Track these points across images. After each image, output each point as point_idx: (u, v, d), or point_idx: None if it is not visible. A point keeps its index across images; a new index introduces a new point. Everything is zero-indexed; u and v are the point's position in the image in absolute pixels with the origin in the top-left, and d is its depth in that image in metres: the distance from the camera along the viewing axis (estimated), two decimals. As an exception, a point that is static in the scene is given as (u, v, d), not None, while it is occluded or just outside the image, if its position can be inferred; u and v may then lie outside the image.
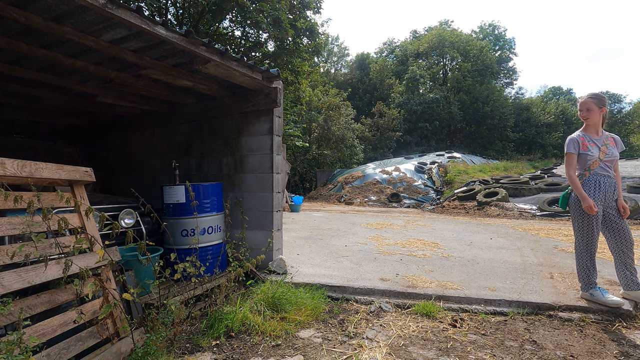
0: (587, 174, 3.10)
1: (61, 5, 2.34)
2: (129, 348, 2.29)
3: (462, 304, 3.27)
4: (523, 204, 10.55)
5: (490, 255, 4.99)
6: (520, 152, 34.36)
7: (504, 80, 42.36)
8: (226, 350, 2.54)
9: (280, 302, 3.13)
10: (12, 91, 4.12)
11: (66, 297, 2.21)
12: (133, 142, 5.67)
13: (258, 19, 10.66)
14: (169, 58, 3.34)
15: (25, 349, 1.70)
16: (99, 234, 2.54)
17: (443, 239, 6.43)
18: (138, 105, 4.89)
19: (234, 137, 4.48)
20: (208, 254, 3.66)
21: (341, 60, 41.86)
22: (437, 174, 16.19)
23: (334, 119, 23.13)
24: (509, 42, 42.01)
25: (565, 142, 3.20)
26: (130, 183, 3.81)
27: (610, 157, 3.09)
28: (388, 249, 5.44)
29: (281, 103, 4.20)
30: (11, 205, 1.97)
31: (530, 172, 16.88)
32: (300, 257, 4.90)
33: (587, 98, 3.13)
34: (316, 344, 2.62)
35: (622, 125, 42.21)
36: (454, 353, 2.46)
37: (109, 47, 2.93)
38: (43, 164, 2.28)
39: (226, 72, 3.49)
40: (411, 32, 44.19)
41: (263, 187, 4.25)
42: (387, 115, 30.84)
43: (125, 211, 3.60)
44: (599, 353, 2.44)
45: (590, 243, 3.08)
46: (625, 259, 3.06)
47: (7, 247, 2.03)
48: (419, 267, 4.36)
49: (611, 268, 3.34)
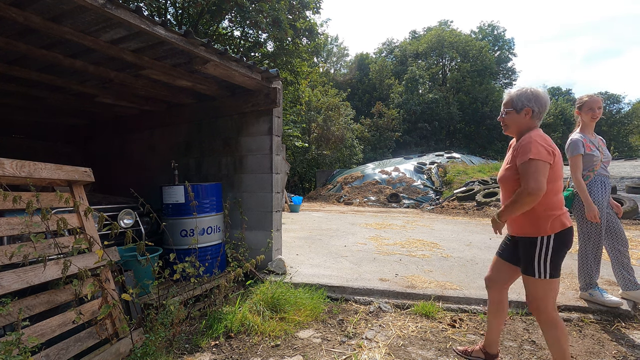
0: (591, 175, 3.05)
1: (60, 5, 2.34)
2: (128, 348, 2.29)
3: (461, 304, 3.27)
4: (522, 204, 10.56)
5: (490, 256, 4.99)
6: (519, 152, 34.37)
7: (503, 81, 42.43)
8: (225, 351, 2.54)
9: (279, 303, 3.12)
10: (11, 91, 4.12)
11: (65, 298, 2.21)
12: (132, 142, 5.66)
13: (257, 19, 10.66)
14: (169, 58, 3.34)
15: (24, 350, 1.70)
16: (98, 234, 2.54)
17: (442, 239, 6.43)
18: (137, 105, 4.88)
19: (234, 138, 4.48)
20: (207, 254, 3.66)
21: (340, 61, 41.90)
22: (436, 174, 16.19)
23: (334, 119, 23.14)
24: (508, 42, 42.12)
25: (568, 144, 3.09)
26: (129, 183, 3.80)
27: (607, 158, 3.10)
28: (387, 249, 5.44)
29: (280, 103, 4.20)
30: (10, 205, 1.96)
31: (529, 172, 16.86)
32: (300, 257, 4.90)
33: (597, 96, 3.06)
34: (315, 344, 2.62)
35: (620, 126, 42.33)
36: (453, 353, 2.46)
37: (109, 47, 2.93)
38: (42, 164, 2.27)
39: (225, 72, 3.49)
40: (410, 33, 44.31)
41: (262, 188, 4.25)
42: (387, 115, 30.87)
43: (125, 211, 3.60)
44: (598, 353, 2.44)
45: (599, 245, 3.05)
46: (622, 258, 3.06)
47: (6, 248, 2.03)
48: (418, 268, 4.36)
49: (609, 268, 3.34)
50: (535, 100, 1.99)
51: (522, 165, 1.89)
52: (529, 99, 2.00)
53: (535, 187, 1.82)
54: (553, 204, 1.93)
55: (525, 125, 2.03)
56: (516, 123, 2.06)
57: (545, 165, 1.85)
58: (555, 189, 1.94)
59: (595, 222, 2.92)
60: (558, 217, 1.93)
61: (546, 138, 1.93)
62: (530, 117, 2.01)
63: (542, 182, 1.83)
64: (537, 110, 2.00)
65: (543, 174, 1.84)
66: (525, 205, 1.88)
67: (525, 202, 1.86)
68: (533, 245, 1.95)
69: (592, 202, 2.93)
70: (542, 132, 1.99)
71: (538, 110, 1.99)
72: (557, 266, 1.95)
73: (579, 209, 3.09)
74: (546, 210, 1.92)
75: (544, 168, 1.85)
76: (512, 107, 2.05)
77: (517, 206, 1.90)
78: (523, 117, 2.02)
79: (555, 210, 1.93)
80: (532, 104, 1.99)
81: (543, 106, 2.01)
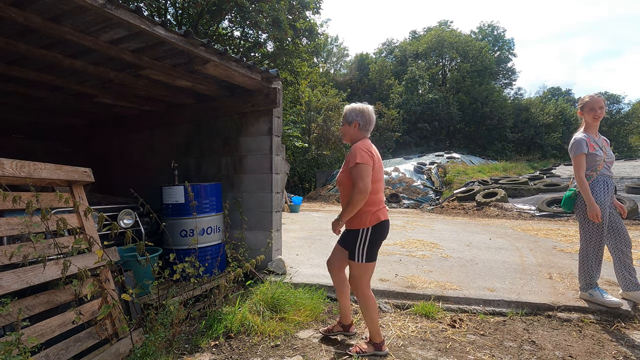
0: (594, 174, 3.04)
1: (60, 5, 2.34)
2: (128, 348, 2.28)
3: (461, 304, 3.27)
4: (522, 205, 10.57)
5: (489, 256, 4.99)
6: (519, 152, 34.43)
7: (503, 81, 42.45)
8: (225, 351, 2.54)
9: (279, 303, 3.12)
10: (10, 91, 4.11)
11: (65, 298, 2.20)
12: (132, 143, 5.66)
13: (257, 20, 10.67)
14: (168, 58, 3.34)
15: (24, 350, 1.70)
16: (97, 234, 2.53)
17: (442, 239, 6.43)
18: (137, 105, 4.88)
19: (233, 138, 4.48)
20: (207, 254, 3.66)
21: (340, 61, 41.92)
22: (436, 175, 16.19)
23: (334, 119, 23.12)
24: (508, 42, 42.11)
25: (572, 143, 3.09)
26: (129, 183, 3.80)
27: (610, 159, 3.09)
28: (387, 249, 5.44)
29: (280, 103, 4.20)
30: (10, 205, 1.96)
31: (529, 172, 16.90)
32: (300, 257, 4.90)
33: (598, 96, 3.07)
34: (315, 345, 2.62)
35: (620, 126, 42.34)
36: (453, 353, 2.46)
37: (108, 47, 2.93)
38: (42, 164, 2.27)
39: (225, 73, 3.49)
40: (410, 33, 44.32)
41: (262, 188, 4.25)
42: (387, 115, 30.85)
43: (124, 211, 3.60)
44: (598, 353, 2.44)
45: (600, 245, 3.04)
46: (625, 259, 3.06)
47: (6, 248, 2.02)
48: (418, 268, 4.36)
49: (610, 269, 3.35)
50: (361, 116, 2.38)
51: (352, 169, 2.25)
52: (357, 114, 2.39)
53: (363, 186, 2.18)
54: (372, 201, 2.29)
55: (354, 135, 2.41)
56: (348, 133, 2.44)
57: (368, 168, 2.21)
58: (375, 189, 2.29)
59: (597, 222, 2.92)
60: (375, 213, 2.31)
61: (369, 146, 2.32)
62: (358, 129, 2.39)
63: (368, 182, 2.20)
64: (363, 123, 2.38)
65: (368, 174, 2.21)
66: (358, 203, 2.22)
67: (358, 200, 2.20)
68: (356, 235, 2.33)
69: (594, 201, 2.92)
70: (367, 142, 2.36)
71: (364, 123, 2.38)
72: (372, 253, 2.34)
73: (581, 209, 3.08)
74: (367, 207, 2.28)
75: (368, 170, 2.21)
76: (345, 120, 2.44)
77: (352, 206, 2.24)
78: (353, 129, 2.40)
79: (373, 207, 2.30)
80: (359, 118, 2.38)
81: (368, 120, 2.39)
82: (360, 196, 2.18)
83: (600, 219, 2.90)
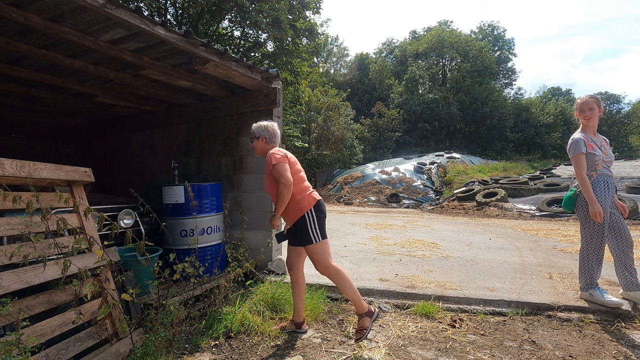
0: (594, 174, 3.04)
1: (60, 5, 2.34)
2: (128, 348, 2.28)
3: (461, 304, 3.27)
4: (522, 205, 10.56)
5: (490, 256, 4.99)
6: (519, 152, 34.44)
7: (503, 81, 42.46)
8: (225, 351, 2.54)
9: (279, 303, 3.13)
10: (10, 91, 4.11)
11: (65, 298, 2.21)
12: (132, 142, 5.66)
13: (257, 19, 10.67)
14: (168, 58, 3.34)
15: (24, 350, 1.70)
16: (97, 234, 2.54)
17: (442, 239, 6.43)
18: (137, 105, 4.88)
19: (233, 138, 4.48)
20: (207, 254, 3.66)
21: (340, 61, 41.88)
22: (436, 175, 16.19)
23: (334, 119, 23.12)
24: (508, 42, 42.12)
25: (570, 144, 3.10)
26: (129, 183, 3.81)
27: (610, 158, 3.09)
28: (387, 249, 5.44)
29: (280, 103, 4.20)
30: (10, 205, 1.96)
31: (529, 172, 16.89)
32: (300, 257, 4.89)
33: (588, 98, 3.09)
34: (315, 345, 2.62)
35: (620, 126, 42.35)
36: (453, 353, 2.46)
37: (108, 47, 2.93)
38: (42, 164, 2.27)
39: (225, 73, 3.49)
40: (410, 33, 44.33)
41: (262, 188, 4.24)
42: (387, 115, 30.87)
43: (124, 211, 3.60)
44: (598, 353, 2.44)
45: (601, 245, 3.04)
46: (625, 259, 3.06)
47: (6, 248, 2.02)
48: (418, 268, 4.36)
49: (610, 268, 3.34)
50: (267, 130, 2.73)
51: (272, 171, 2.53)
52: (262, 129, 2.74)
53: (285, 181, 2.46)
54: (300, 189, 2.59)
55: (263, 147, 2.74)
56: (258, 147, 2.76)
57: (284, 164, 2.52)
58: (297, 179, 2.59)
59: (599, 221, 2.91)
60: (308, 195, 2.61)
61: (278, 149, 2.64)
62: (265, 142, 2.73)
63: (288, 176, 2.48)
64: (269, 137, 2.73)
65: (286, 170, 2.50)
66: (285, 196, 2.47)
67: (285, 193, 2.46)
68: (304, 221, 2.56)
69: (596, 200, 2.91)
70: (277, 148, 2.68)
71: (269, 136, 2.73)
72: (323, 230, 2.61)
73: (582, 208, 3.07)
74: (299, 194, 2.57)
75: (285, 166, 2.51)
76: (253, 136, 2.77)
77: (281, 199, 2.48)
78: (261, 142, 2.74)
79: (304, 192, 2.60)
80: (264, 133, 2.73)
81: (272, 134, 2.75)
82: (285, 189, 2.45)
83: (602, 218, 2.90)
